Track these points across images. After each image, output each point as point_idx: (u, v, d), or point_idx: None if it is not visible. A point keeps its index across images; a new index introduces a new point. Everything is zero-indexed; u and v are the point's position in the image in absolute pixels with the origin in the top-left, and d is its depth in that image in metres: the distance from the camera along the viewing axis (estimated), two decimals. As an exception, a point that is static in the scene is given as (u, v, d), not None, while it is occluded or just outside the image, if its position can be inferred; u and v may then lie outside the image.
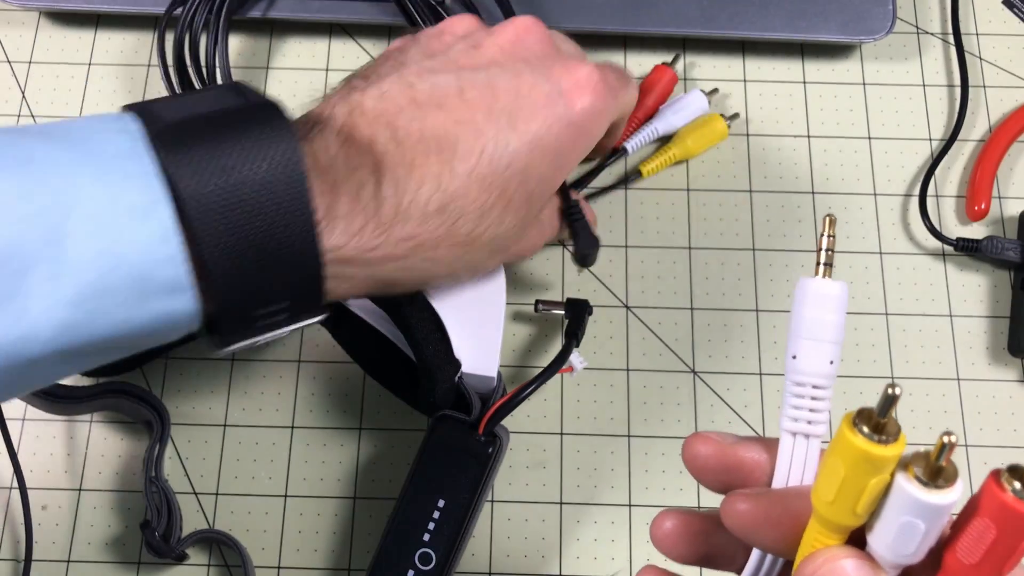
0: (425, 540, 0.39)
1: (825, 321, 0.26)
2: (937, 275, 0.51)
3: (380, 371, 0.48)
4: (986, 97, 0.55)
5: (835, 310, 0.26)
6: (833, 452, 0.23)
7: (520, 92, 0.36)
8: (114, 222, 0.27)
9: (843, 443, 0.23)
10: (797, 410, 0.26)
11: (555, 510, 0.47)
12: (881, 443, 0.22)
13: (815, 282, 0.26)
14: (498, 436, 0.41)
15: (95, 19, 0.56)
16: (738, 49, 0.56)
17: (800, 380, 0.26)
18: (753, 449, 0.28)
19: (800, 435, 0.27)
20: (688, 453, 0.29)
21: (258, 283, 0.30)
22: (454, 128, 0.35)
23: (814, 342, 0.26)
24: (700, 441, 0.28)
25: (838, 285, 0.26)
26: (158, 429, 0.45)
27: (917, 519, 0.22)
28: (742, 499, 0.26)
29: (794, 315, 0.26)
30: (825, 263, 0.26)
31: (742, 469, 0.28)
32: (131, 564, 0.46)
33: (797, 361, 0.26)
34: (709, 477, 0.28)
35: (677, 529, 0.29)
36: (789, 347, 0.26)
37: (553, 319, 0.50)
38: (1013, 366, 0.49)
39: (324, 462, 0.47)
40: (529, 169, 0.36)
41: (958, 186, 0.53)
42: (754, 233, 0.51)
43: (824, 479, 0.24)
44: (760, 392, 0.49)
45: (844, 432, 0.23)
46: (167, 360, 0.49)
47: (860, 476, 0.23)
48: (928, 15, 0.57)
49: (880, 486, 0.23)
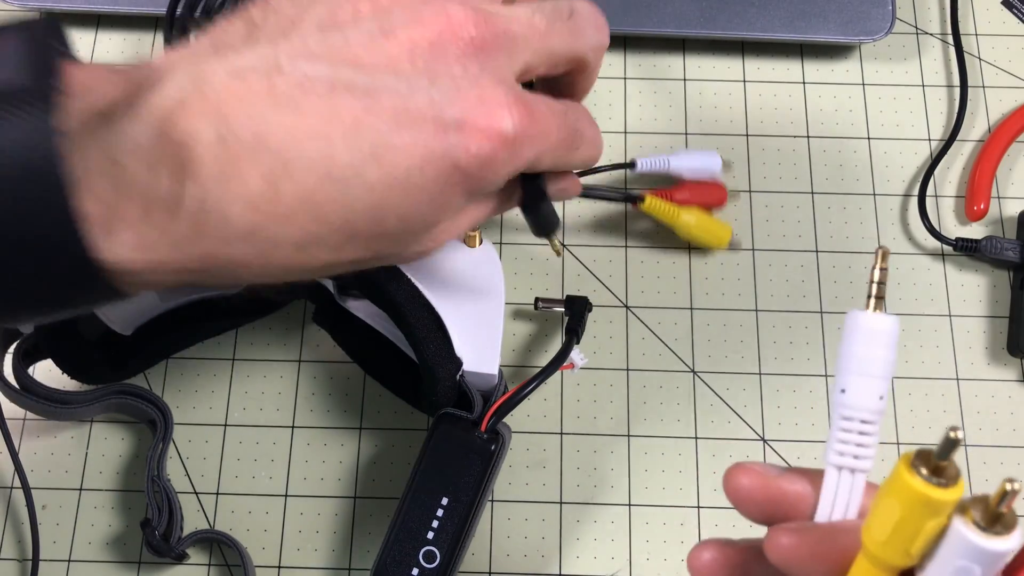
0: (429, 538, 0.39)
1: (875, 356, 0.26)
2: (936, 275, 0.51)
3: (380, 371, 0.48)
4: (985, 97, 0.55)
5: (886, 345, 0.26)
6: (889, 492, 0.23)
7: (403, 115, 0.29)
8: None
9: (900, 484, 0.22)
10: (844, 444, 0.26)
11: (555, 510, 0.47)
12: (940, 486, 0.22)
13: (866, 316, 0.26)
14: (500, 433, 0.41)
15: (95, 19, 0.56)
16: (738, 49, 0.56)
17: (848, 415, 0.26)
18: (797, 482, 0.27)
19: (846, 469, 0.26)
20: (730, 484, 0.28)
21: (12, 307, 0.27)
22: (300, 140, 0.28)
23: (864, 377, 0.26)
24: (742, 472, 0.28)
25: (890, 320, 0.26)
26: (161, 427, 0.45)
27: (973, 564, 0.22)
28: (787, 533, 0.26)
29: (844, 348, 0.26)
30: (877, 296, 0.26)
31: (785, 502, 0.27)
32: (131, 564, 0.46)
33: (846, 395, 0.26)
34: (751, 508, 0.28)
35: (716, 561, 0.28)
36: (838, 380, 0.26)
37: (553, 317, 0.50)
38: (1012, 366, 0.49)
39: (324, 462, 0.47)
40: (385, 207, 0.29)
41: (957, 186, 0.53)
42: (753, 233, 0.52)
43: (878, 518, 0.23)
44: (760, 392, 0.49)
45: (902, 473, 0.22)
46: (168, 360, 0.49)
47: (917, 518, 0.22)
48: (927, 15, 0.57)
49: (936, 529, 0.23)
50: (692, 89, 0.55)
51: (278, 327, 0.50)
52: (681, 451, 0.48)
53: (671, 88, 0.55)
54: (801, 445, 0.48)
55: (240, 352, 0.49)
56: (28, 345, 0.44)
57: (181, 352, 0.49)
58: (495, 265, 0.43)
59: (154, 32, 0.56)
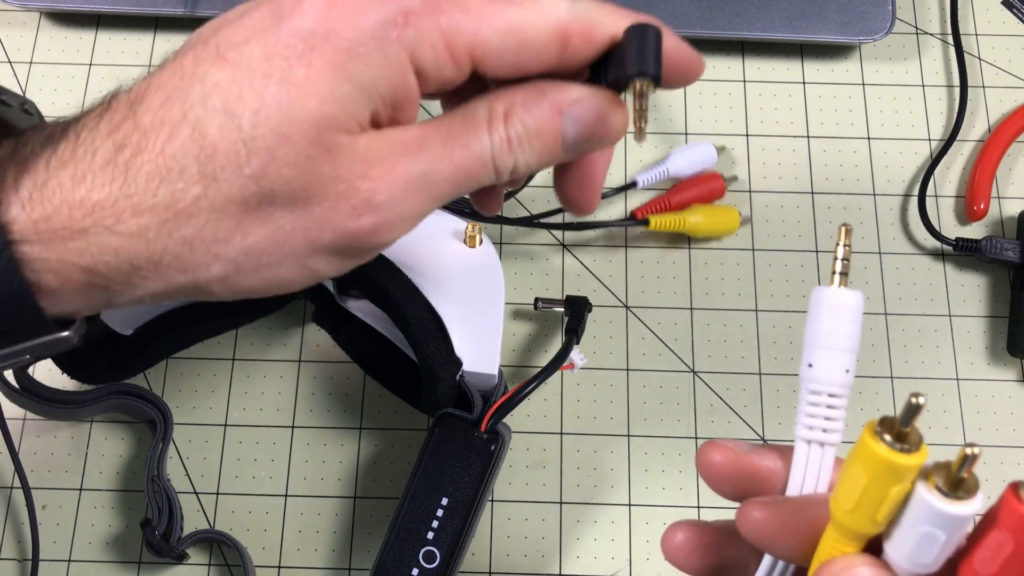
0: (429, 538, 0.39)
1: (841, 330, 0.26)
2: (936, 275, 0.51)
3: (380, 371, 0.48)
4: (985, 97, 0.55)
5: (851, 319, 0.26)
6: (854, 460, 0.23)
7: (246, 22, 0.28)
8: None
9: (865, 451, 0.23)
10: (812, 418, 0.26)
11: (555, 510, 0.47)
12: (903, 452, 0.22)
13: (831, 291, 0.26)
14: (500, 433, 0.41)
15: (95, 19, 0.56)
16: (738, 49, 0.56)
17: (816, 388, 0.26)
18: (768, 457, 0.28)
19: (815, 443, 0.26)
20: (702, 461, 0.28)
21: None
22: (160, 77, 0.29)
23: (830, 351, 0.26)
24: (714, 449, 0.28)
25: (854, 294, 0.26)
26: (161, 427, 0.45)
27: (937, 529, 0.22)
28: (758, 507, 0.26)
29: (809, 324, 0.26)
30: (841, 272, 0.26)
31: (757, 477, 0.28)
32: (131, 564, 0.46)
33: (813, 369, 0.26)
34: (723, 485, 0.28)
35: (689, 541, 0.29)
36: (804, 355, 0.26)
37: (553, 317, 0.50)
38: (1012, 366, 0.49)
39: (324, 462, 0.47)
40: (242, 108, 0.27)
41: (957, 186, 0.53)
42: (753, 233, 0.52)
43: (844, 487, 0.24)
44: (760, 392, 0.49)
45: (866, 440, 0.23)
46: (167, 360, 0.49)
47: (881, 485, 0.23)
48: (927, 15, 0.57)
49: (901, 495, 0.23)
50: (692, 89, 0.55)
51: (278, 327, 0.50)
52: (681, 451, 0.48)
53: (671, 88, 0.55)
54: (801, 445, 0.48)
55: (240, 352, 0.49)
56: (28, 345, 0.44)
57: (181, 352, 0.49)
58: (495, 265, 0.43)
59: (154, 32, 0.56)
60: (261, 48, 0.27)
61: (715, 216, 0.51)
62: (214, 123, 0.27)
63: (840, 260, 0.26)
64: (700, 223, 0.50)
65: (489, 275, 0.43)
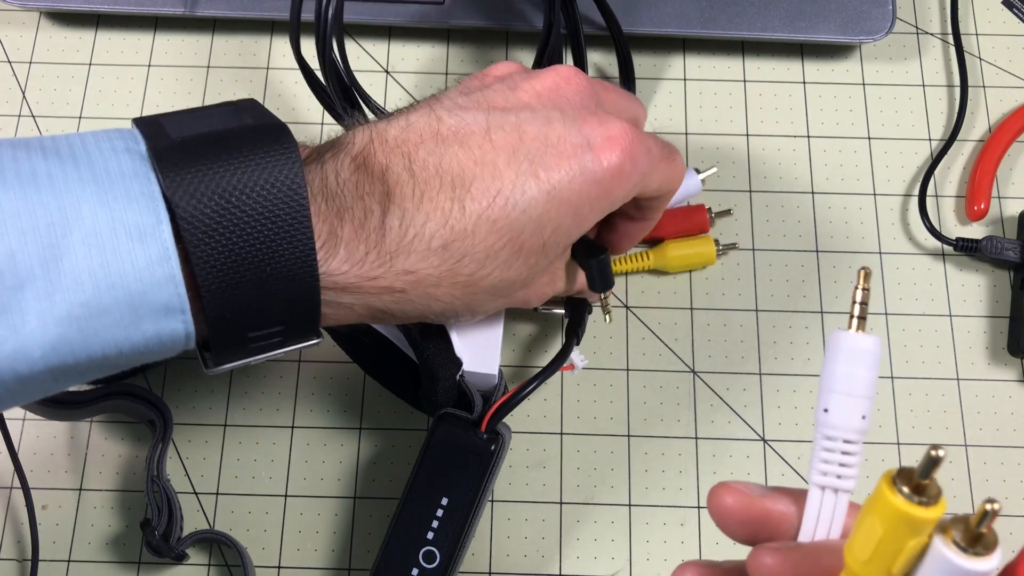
0: (429, 538, 0.39)
1: (858, 376, 0.26)
2: (937, 275, 0.51)
3: (380, 371, 0.48)
4: (986, 97, 0.55)
5: (868, 366, 0.26)
6: (871, 511, 0.23)
7: (548, 139, 0.35)
8: (112, 242, 0.27)
9: (882, 502, 0.22)
10: (827, 464, 0.26)
11: (555, 510, 0.47)
12: (922, 505, 0.22)
13: (848, 336, 0.26)
14: (500, 434, 0.41)
15: (95, 19, 0.56)
16: (738, 49, 0.56)
17: (831, 434, 0.26)
18: (780, 501, 0.27)
19: (829, 489, 0.26)
20: (714, 503, 0.28)
21: (252, 305, 0.30)
22: (472, 167, 0.34)
23: (846, 397, 0.26)
24: (726, 491, 0.28)
25: (871, 340, 0.26)
26: (160, 428, 0.45)
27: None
28: (770, 553, 0.26)
29: (826, 368, 0.26)
30: (859, 316, 0.26)
31: (769, 521, 0.27)
32: (131, 564, 0.46)
33: (829, 415, 0.26)
34: (735, 528, 0.28)
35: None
36: (820, 400, 0.26)
37: (553, 318, 0.50)
38: (1013, 366, 0.49)
39: (324, 462, 0.47)
40: (545, 218, 0.35)
41: (958, 186, 0.53)
42: (753, 233, 0.52)
43: (860, 537, 0.23)
44: (760, 392, 0.49)
45: (884, 491, 0.22)
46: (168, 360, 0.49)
47: (898, 537, 0.22)
48: (928, 15, 0.57)
49: (918, 548, 0.22)
50: (692, 89, 0.55)
51: (278, 327, 0.50)
52: (681, 451, 0.48)
53: (671, 88, 0.55)
54: (801, 445, 0.48)
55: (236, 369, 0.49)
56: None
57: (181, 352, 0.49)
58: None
59: (154, 32, 0.56)
60: (566, 175, 0.35)
61: (687, 253, 0.50)
62: (528, 229, 0.35)
63: (858, 304, 0.26)
64: (669, 258, 0.49)
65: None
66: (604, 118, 0.36)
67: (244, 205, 0.29)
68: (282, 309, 0.31)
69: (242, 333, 0.31)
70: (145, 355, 0.30)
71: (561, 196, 0.35)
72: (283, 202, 0.30)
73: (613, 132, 0.36)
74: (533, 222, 0.35)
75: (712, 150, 0.53)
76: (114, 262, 0.27)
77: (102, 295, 0.27)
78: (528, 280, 0.37)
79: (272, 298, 0.30)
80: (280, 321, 0.31)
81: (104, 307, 0.27)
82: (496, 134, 0.35)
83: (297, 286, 0.31)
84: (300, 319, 0.32)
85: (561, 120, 0.36)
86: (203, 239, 0.29)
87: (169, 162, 0.29)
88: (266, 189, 0.30)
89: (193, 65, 0.55)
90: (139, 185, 0.28)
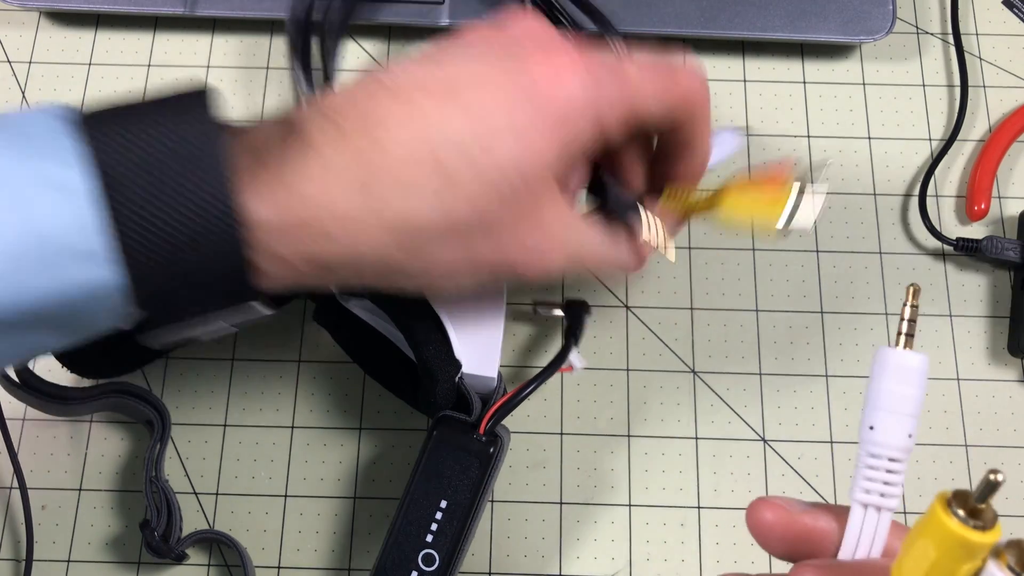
0: (428, 541, 0.39)
1: (905, 394, 0.26)
2: (937, 275, 0.51)
3: (380, 371, 0.48)
4: (986, 97, 0.55)
5: (916, 384, 0.26)
6: (923, 533, 0.23)
7: (476, 70, 0.34)
8: (33, 193, 0.28)
9: (936, 525, 0.22)
10: (871, 482, 0.26)
11: (555, 510, 0.47)
12: (977, 529, 0.22)
13: (896, 354, 0.26)
14: (499, 436, 0.41)
15: (95, 19, 0.56)
16: (738, 49, 0.56)
17: (876, 452, 0.26)
18: (821, 518, 0.27)
19: (872, 507, 0.26)
20: (753, 519, 0.28)
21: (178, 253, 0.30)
22: (389, 103, 0.33)
23: (893, 415, 0.26)
24: (766, 507, 0.28)
25: (919, 358, 0.26)
26: (159, 428, 0.45)
27: None
28: (812, 571, 0.25)
29: (873, 385, 0.26)
30: (907, 334, 0.26)
31: (810, 538, 0.27)
32: (131, 564, 0.46)
33: (875, 433, 0.26)
34: (775, 544, 0.28)
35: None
36: (866, 417, 0.26)
37: (553, 319, 0.50)
38: (1013, 366, 0.49)
39: (324, 462, 0.47)
40: (468, 140, 0.33)
41: (958, 186, 0.53)
42: (753, 233, 0.52)
43: (911, 559, 0.23)
44: (760, 392, 0.49)
45: (939, 514, 0.22)
46: (167, 360, 0.49)
47: (952, 561, 0.22)
48: (928, 15, 0.57)
49: (971, 573, 0.22)
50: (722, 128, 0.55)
51: (278, 327, 0.50)
52: (681, 451, 0.48)
53: (671, 88, 0.55)
54: (801, 445, 0.48)
55: (240, 352, 0.49)
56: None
57: (181, 352, 0.49)
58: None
59: (153, 32, 0.56)
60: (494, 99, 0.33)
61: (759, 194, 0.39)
62: (452, 154, 0.32)
63: (907, 321, 0.26)
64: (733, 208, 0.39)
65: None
66: (551, 51, 0.35)
67: (159, 149, 0.29)
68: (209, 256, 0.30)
69: (171, 284, 0.30)
70: (81, 310, 0.29)
71: (492, 122, 0.33)
72: (199, 148, 0.30)
73: (558, 60, 0.34)
74: (459, 150, 0.32)
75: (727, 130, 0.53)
76: (33, 211, 0.28)
77: (23, 242, 0.28)
78: (487, 224, 0.34)
79: (197, 245, 0.30)
80: (209, 269, 0.31)
81: (26, 254, 0.28)
82: (419, 70, 0.34)
83: (217, 226, 0.30)
84: (230, 268, 0.31)
85: (497, 54, 0.34)
86: (123, 186, 0.29)
87: (93, 123, 0.29)
88: (181, 133, 0.30)
89: (193, 65, 0.55)
90: (60, 141, 0.29)
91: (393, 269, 0.34)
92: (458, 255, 0.35)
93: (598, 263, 0.39)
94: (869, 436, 0.26)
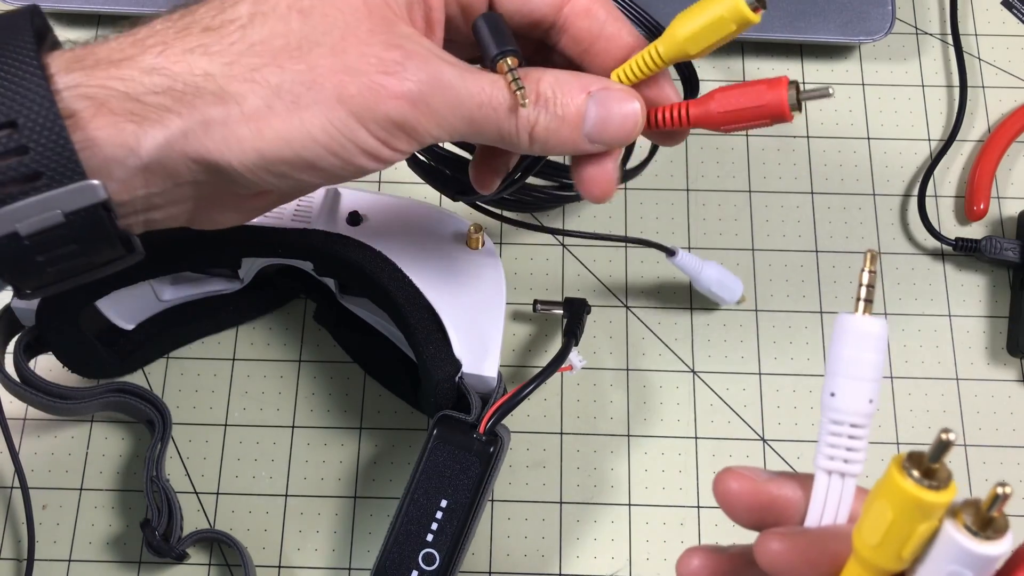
0: (428, 540, 0.39)
1: (865, 359, 0.25)
2: (936, 275, 0.51)
3: (380, 371, 0.48)
4: (985, 97, 0.55)
5: (875, 349, 0.26)
6: (880, 495, 0.23)
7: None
8: None
9: (892, 487, 0.22)
10: (834, 448, 0.26)
11: (555, 510, 0.47)
12: (932, 489, 0.22)
13: (855, 319, 0.26)
14: (499, 435, 0.41)
15: (95, 19, 0.56)
16: (738, 49, 0.56)
17: (838, 418, 0.26)
18: (786, 486, 0.27)
19: (836, 474, 0.26)
20: (720, 489, 0.28)
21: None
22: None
23: (853, 380, 0.25)
24: (732, 477, 0.28)
25: (878, 323, 0.26)
26: (159, 428, 0.45)
27: (965, 568, 0.22)
28: (777, 538, 0.25)
29: (832, 352, 0.26)
30: (866, 299, 0.26)
31: (775, 506, 0.27)
32: (132, 563, 0.46)
33: (835, 399, 0.26)
34: (741, 513, 0.28)
35: (705, 568, 0.28)
36: (827, 384, 0.26)
37: (553, 318, 0.50)
38: (1012, 366, 0.49)
39: (324, 462, 0.47)
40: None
41: (957, 186, 0.53)
42: (753, 233, 0.52)
43: (869, 522, 0.23)
44: (760, 392, 0.49)
45: (894, 475, 0.22)
46: (168, 360, 0.49)
47: (908, 521, 0.22)
48: (927, 16, 0.57)
49: (928, 532, 0.22)
50: (692, 89, 0.55)
51: (278, 327, 0.50)
52: (681, 451, 0.48)
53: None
54: (801, 445, 0.48)
55: (240, 352, 0.49)
56: (30, 338, 0.44)
57: (181, 352, 0.49)
58: (497, 267, 0.43)
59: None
60: None
61: (697, 10, 0.33)
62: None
63: (865, 287, 0.26)
64: (680, 36, 0.33)
65: (491, 278, 0.43)
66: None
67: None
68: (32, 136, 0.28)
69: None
70: None
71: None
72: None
73: None
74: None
75: (712, 150, 0.53)
76: None
77: None
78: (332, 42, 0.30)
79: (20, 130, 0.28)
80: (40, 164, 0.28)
81: None
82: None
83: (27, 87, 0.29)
84: (54, 146, 0.28)
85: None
86: None
87: None
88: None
89: (193, 65, 0.55)
90: None
91: (211, 94, 0.30)
92: (291, 74, 0.30)
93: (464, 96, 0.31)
94: (830, 403, 0.26)
